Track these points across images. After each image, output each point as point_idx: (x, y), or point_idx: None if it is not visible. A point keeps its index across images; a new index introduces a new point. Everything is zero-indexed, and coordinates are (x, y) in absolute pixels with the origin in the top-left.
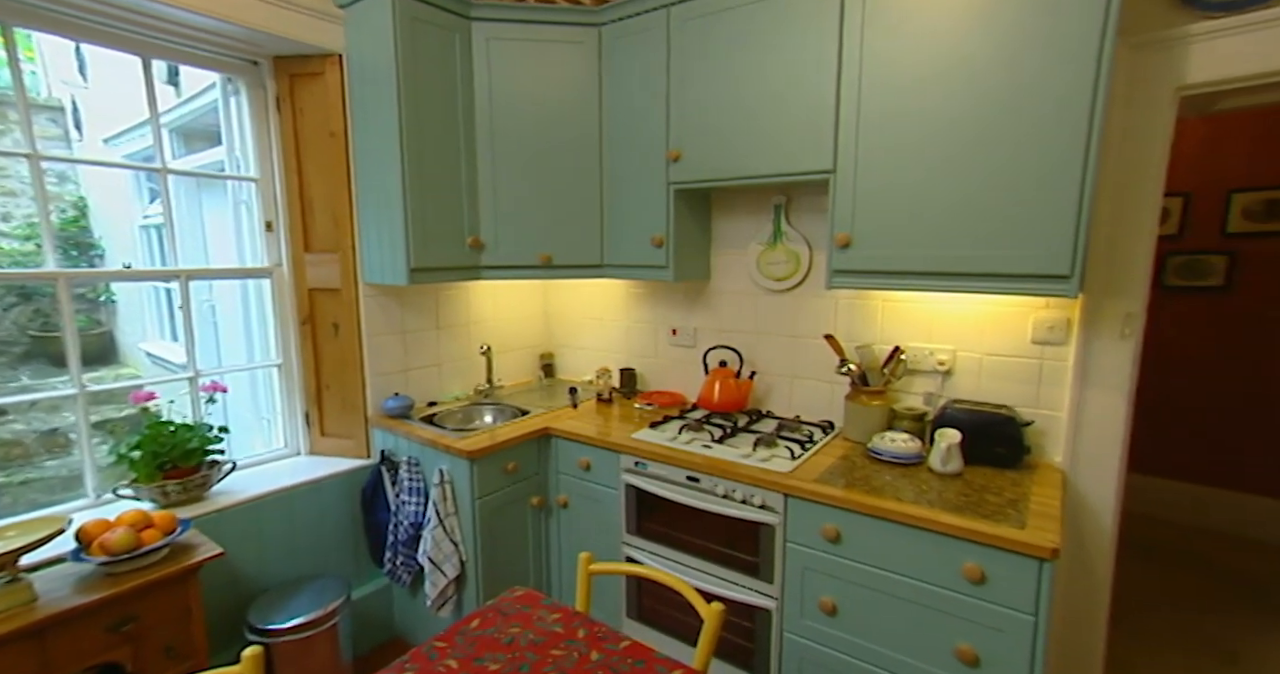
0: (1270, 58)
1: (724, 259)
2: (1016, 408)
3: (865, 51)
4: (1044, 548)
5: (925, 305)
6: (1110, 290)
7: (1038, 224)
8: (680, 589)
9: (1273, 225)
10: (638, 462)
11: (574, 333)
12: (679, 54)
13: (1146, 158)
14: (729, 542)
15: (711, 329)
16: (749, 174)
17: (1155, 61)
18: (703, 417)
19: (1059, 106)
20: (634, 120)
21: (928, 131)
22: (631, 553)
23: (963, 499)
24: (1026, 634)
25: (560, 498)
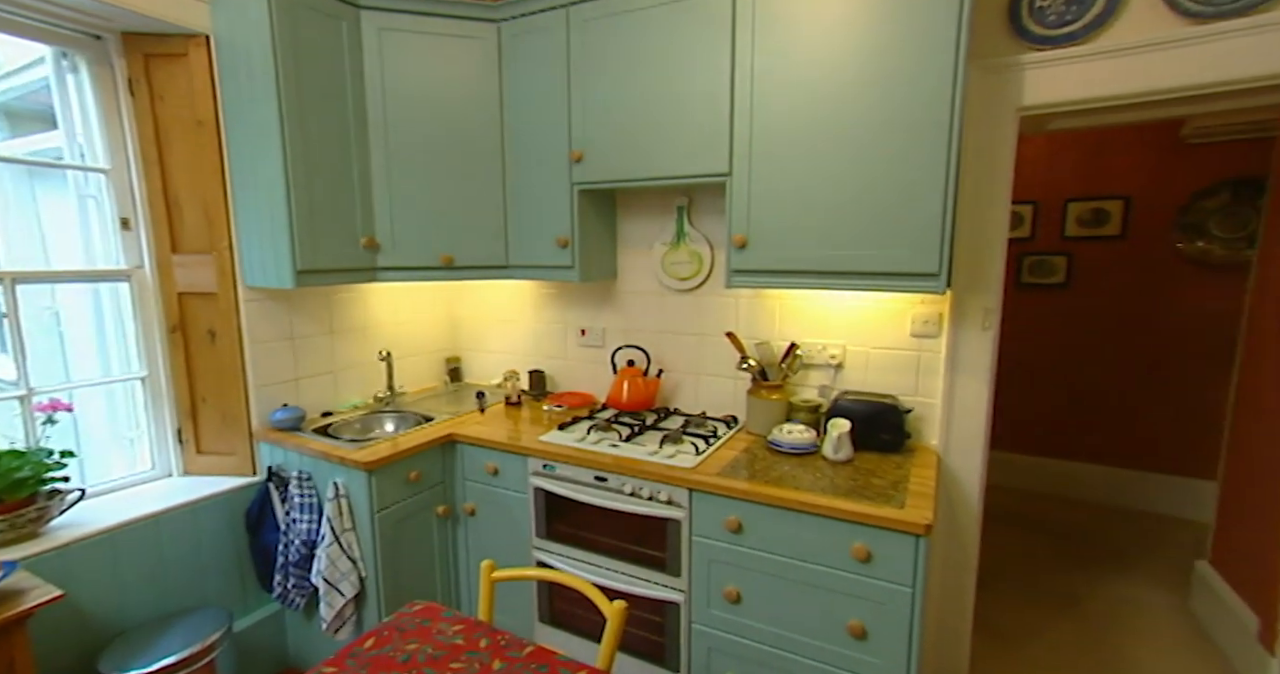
0: (1083, 87)
1: (630, 259)
2: (899, 397)
3: (756, 64)
4: (919, 525)
5: (818, 303)
6: (972, 287)
7: (910, 227)
8: (583, 589)
9: (1097, 231)
10: (546, 464)
11: (481, 336)
12: (580, 54)
13: (996, 170)
14: (638, 539)
15: (620, 329)
16: (651, 175)
17: (999, 84)
18: (611, 416)
19: (924, 122)
20: (536, 120)
21: (814, 140)
22: (542, 557)
23: (852, 484)
24: (905, 605)
25: (467, 505)
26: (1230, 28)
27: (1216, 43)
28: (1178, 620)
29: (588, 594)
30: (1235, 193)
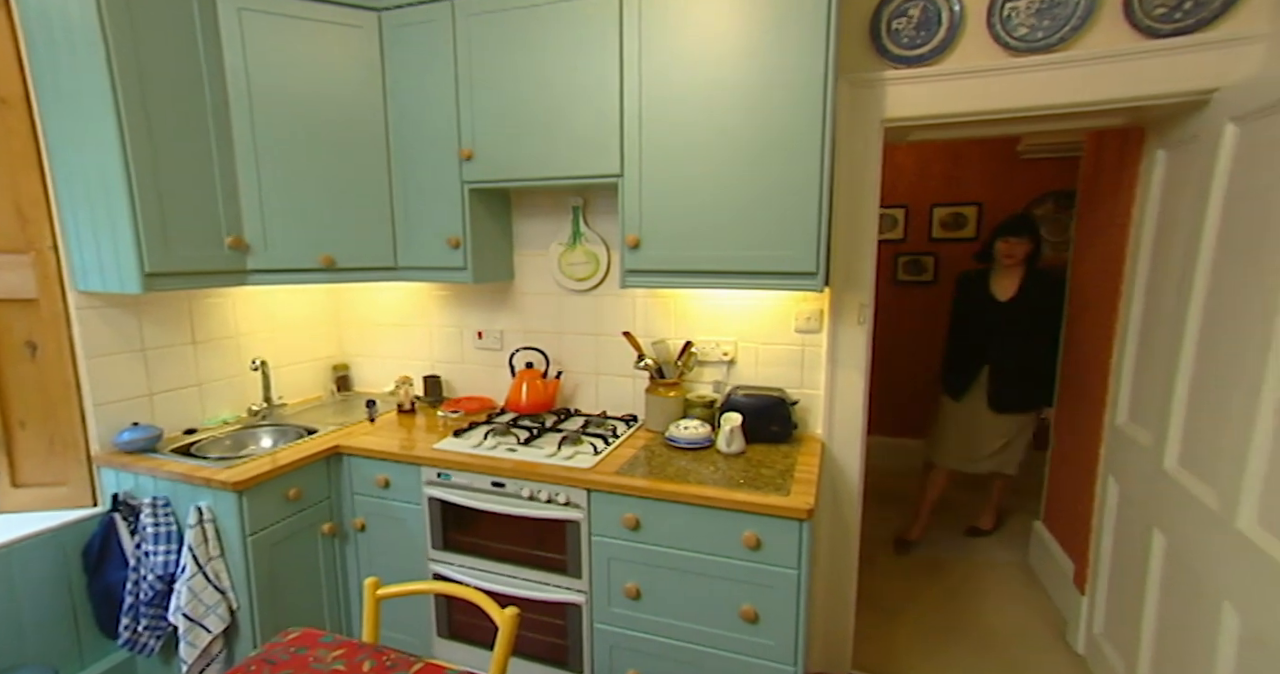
0: (932, 104)
1: (526, 260)
2: (787, 389)
3: (644, 71)
4: (801, 510)
5: (711, 302)
6: (848, 285)
7: (790, 228)
8: (473, 599)
9: (957, 233)
10: (440, 473)
11: (372, 341)
12: (466, 50)
13: (866, 176)
14: (538, 543)
15: (518, 330)
16: (543, 175)
17: (866, 97)
18: (510, 420)
19: (800, 131)
20: (423, 115)
21: (700, 145)
22: (439, 569)
23: (743, 475)
24: (792, 587)
25: (357, 521)
26: (1040, 61)
27: (1030, 73)
28: (1018, 575)
29: (478, 603)
30: (1058, 202)
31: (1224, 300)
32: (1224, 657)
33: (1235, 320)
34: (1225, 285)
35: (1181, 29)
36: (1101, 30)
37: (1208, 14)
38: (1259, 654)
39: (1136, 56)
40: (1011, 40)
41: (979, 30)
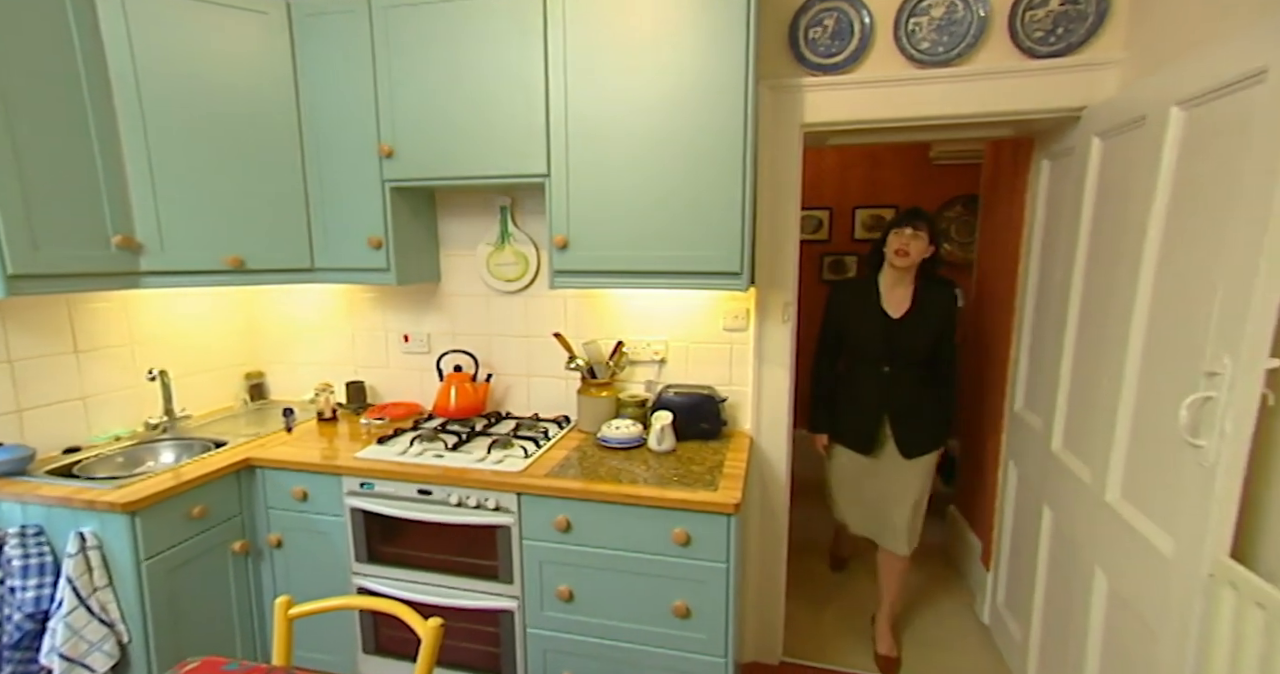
0: (847, 110)
1: (454, 261)
2: (716, 387)
3: (569, 76)
4: (729, 504)
5: (642, 302)
6: (773, 284)
7: (715, 230)
8: (395, 612)
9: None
10: (363, 482)
11: (289, 347)
12: (385, 43)
13: (788, 179)
14: (468, 550)
15: (446, 333)
16: (469, 174)
17: (786, 103)
18: (438, 425)
19: (723, 134)
20: (339, 109)
21: (627, 147)
22: (364, 582)
23: (673, 473)
24: (721, 580)
25: (272, 537)
26: (941, 74)
27: (932, 85)
28: (937, 557)
29: (400, 616)
30: (965, 206)
31: (1094, 297)
32: (1095, 617)
33: (1103, 315)
34: (1095, 284)
35: (1056, 52)
36: (991, 48)
37: (1075, 39)
38: (1122, 613)
39: (1020, 74)
40: (916, 53)
41: (887, 42)
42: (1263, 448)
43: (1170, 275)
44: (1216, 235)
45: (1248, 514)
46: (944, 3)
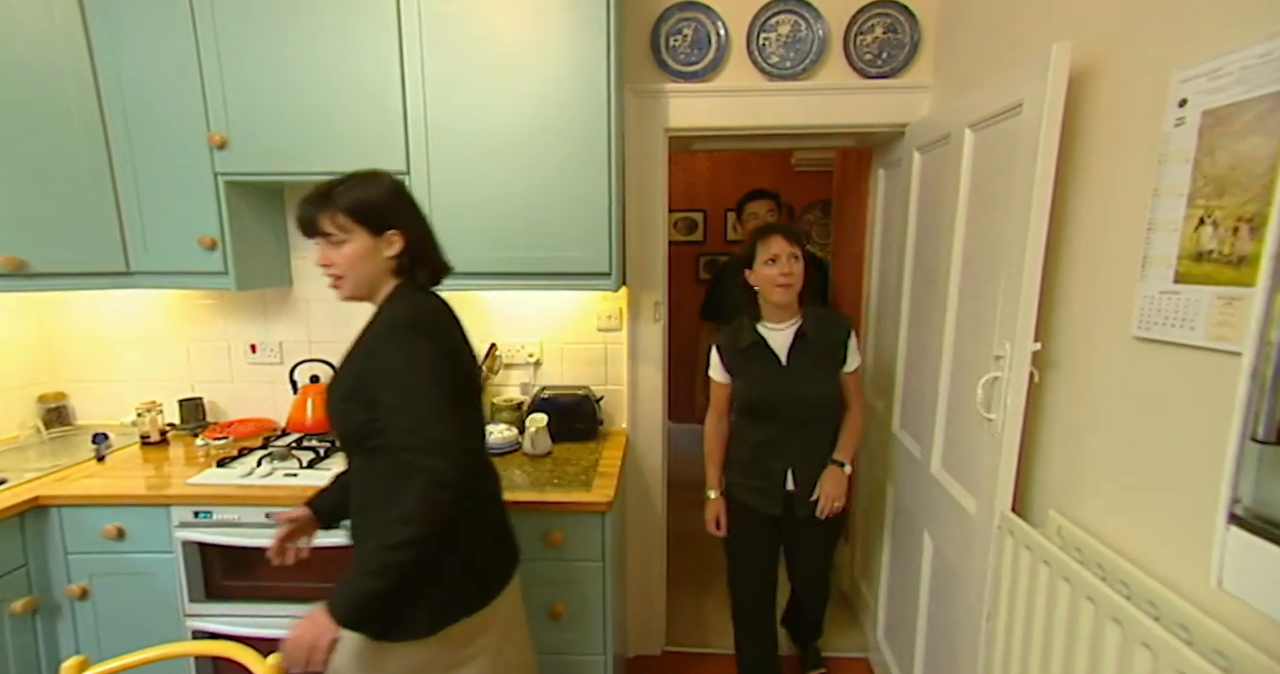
0: (709, 117)
1: (307, 263)
2: (592, 387)
3: (427, 65)
4: (601, 503)
5: (514, 304)
6: (644, 284)
7: (585, 232)
8: (228, 654)
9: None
10: (197, 512)
11: (100, 363)
12: (209, 15)
13: (654, 182)
14: (328, 575)
15: (300, 341)
16: (319, 170)
17: (650, 107)
18: (292, 442)
19: (587, 137)
20: (153, 89)
21: (490, 148)
22: (202, 624)
23: (548, 475)
24: (598, 579)
25: (73, 588)
26: (789, 87)
27: (783, 96)
28: None
29: (235, 658)
30: (824, 210)
31: (920, 294)
32: (924, 575)
33: (927, 309)
34: (920, 281)
35: (883, 73)
36: (831, 67)
37: (897, 64)
38: (941, 566)
39: (856, 91)
40: (767, 66)
41: (741, 54)
42: (1033, 418)
43: (970, 272)
44: (999, 237)
45: (1023, 474)
46: (789, 21)
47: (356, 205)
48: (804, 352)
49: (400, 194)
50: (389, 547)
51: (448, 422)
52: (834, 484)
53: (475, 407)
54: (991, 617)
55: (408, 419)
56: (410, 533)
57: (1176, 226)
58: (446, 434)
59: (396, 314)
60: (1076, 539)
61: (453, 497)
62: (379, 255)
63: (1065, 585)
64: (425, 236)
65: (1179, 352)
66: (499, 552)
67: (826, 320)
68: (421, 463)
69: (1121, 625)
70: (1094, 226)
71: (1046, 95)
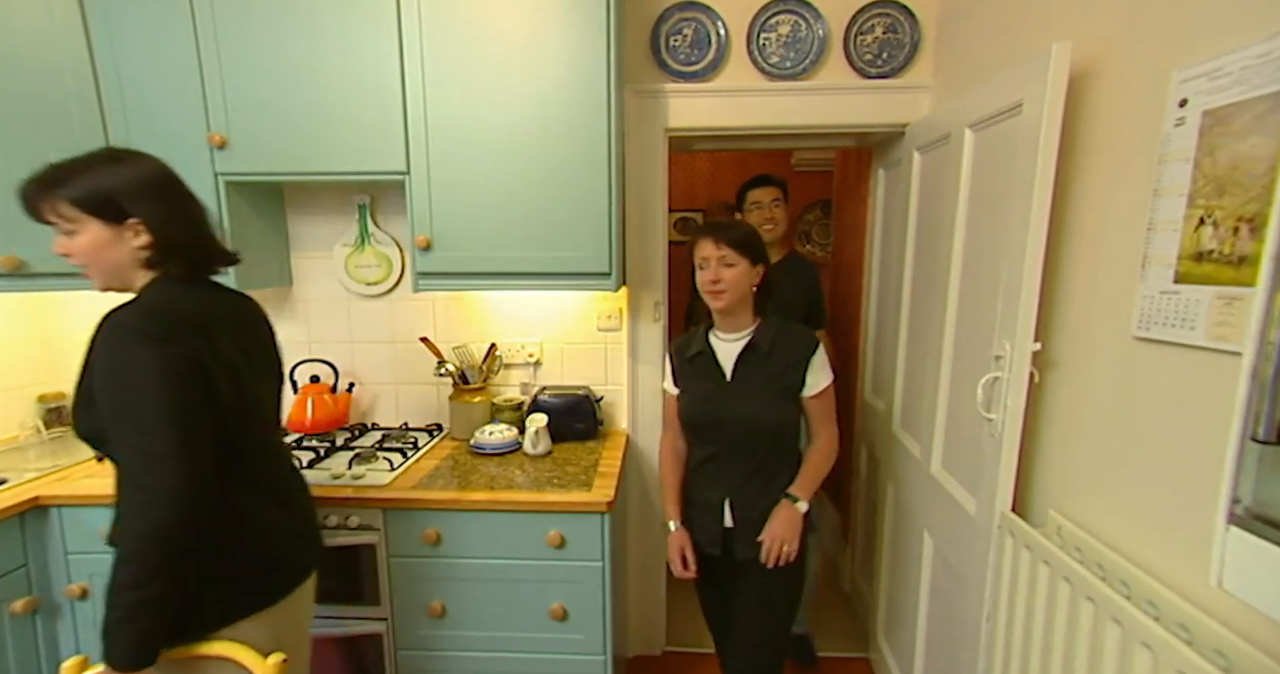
0: (709, 117)
1: (307, 263)
2: (592, 387)
3: (427, 66)
4: (602, 503)
5: (514, 304)
6: (644, 285)
7: (584, 232)
8: (227, 654)
9: None
10: None
11: None
12: (209, 20)
13: (654, 182)
14: (327, 575)
15: (300, 341)
16: (319, 170)
17: (650, 108)
18: (292, 442)
19: (587, 137)
20: (153, 89)
21: (491, 147)
22: None
23: (548, 475)
24: (598, 579)
25: (74, 588)
26: (789, 87)
27: (783, 96)
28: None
29: (234, 658)
30: (824, 210)
31: (920, 294)
32: (925, 575)
33: (927, 309)
34: (920, 282)
35: (883, 74)
36: (831, 67)
37: (897, 64)
38: (942, 567)
39: (855, 91)
40: (767, 66)
41: (741, 54)
42: (1033, 418)
43: (970, 272)
44: (999, 237)
45: (1023, 474)
46: (789, 21)
47: (82, 195)
48: (752, 366)
49: (147, 180)
50: (125, 587)
51: (166, 436)
52: (783, 523)
53: (232, 416)
54: (992, 616)
55: (121, 432)
56: (132, 574)
57: (1177, 226)
58: (165, 449)
59: (122, 316)
60: (1076, 539)
61: (172, 523)
62: (123, 246)
63: (1065, 585)
64: (179, 227)
65: (1179, 351)
66: (286, 547)
67: (787, 333)
68: (139, 481)
69: (1121, 625)
70: (1094, 226)
71: (1046, 95)
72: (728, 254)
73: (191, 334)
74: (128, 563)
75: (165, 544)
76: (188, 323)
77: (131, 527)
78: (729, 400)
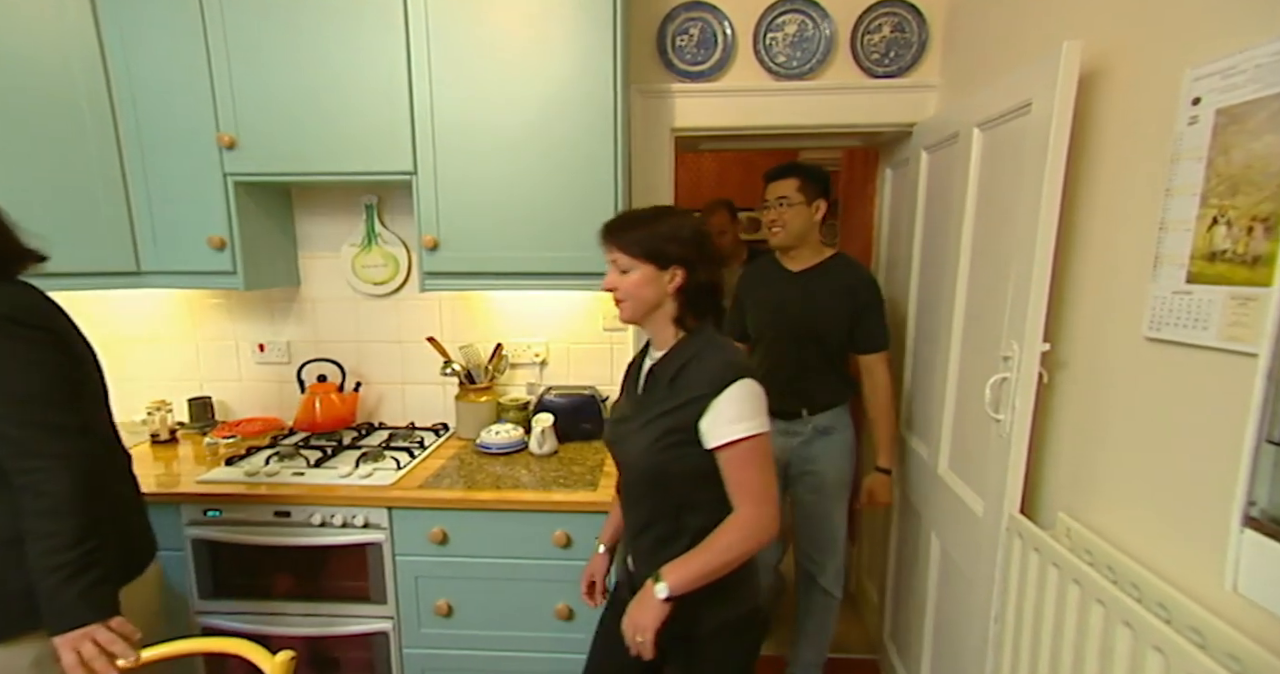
0: (716, 116)
1: (315, 263)
2: (598, 387)
3: (434, 65)
4: (607, 503)
5: (521, 304)
6: None
7: (591, 232)
8: (235, 651)
9: (753, 235)
10: (207, 510)
11: (110, 362)
12: (217, 16)
13: (660, 181)
14: (335, 573)
15: (308, 341)
16: (327, 170)
17: (657, 107)
18: (300, 440)
19: (593, 136)
20: (163, 90)
21: (497, 146)
22: (212, 621)
23: (554, 475)
24: None
25: None
26: (796, 86)
27: (790, 96)
28: None
29: (243, 655)
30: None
31: (927, 294)
32: (931, 576)
33: (934, 309)
34: (927, 282)
35: (890, 73)
36: (839, 66)
37: (905, 64)
38: (949, 569)
39: (862, 91)
40: (774, 66)
41: (748, 54)
42: (1041, 420)
43: (978, 272)
44: (1008, 237)
45: (1032, 476)
46: (796, 20)
47: None
48: (653, 395)
49: None
50: (72, 544)
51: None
52: (638, 607)
53: (98, 399)
54: (999, 618)
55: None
56: (80, 528)
57: (1189, 226)
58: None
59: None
60: (1086, 541)
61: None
62: None
63: (1075, 588)
64: None
65: (1191, 352)
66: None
67: (702, 360)
68: (46, 451)
69: (1133, 628)
70: (1104, 226)
71: (1056, 94)
72: (619, 258)
73: (52, 321)
74: (70, 518)
75: (91, 497)
76: (45, 312)
77: (59, 489)
78: (624, 429)
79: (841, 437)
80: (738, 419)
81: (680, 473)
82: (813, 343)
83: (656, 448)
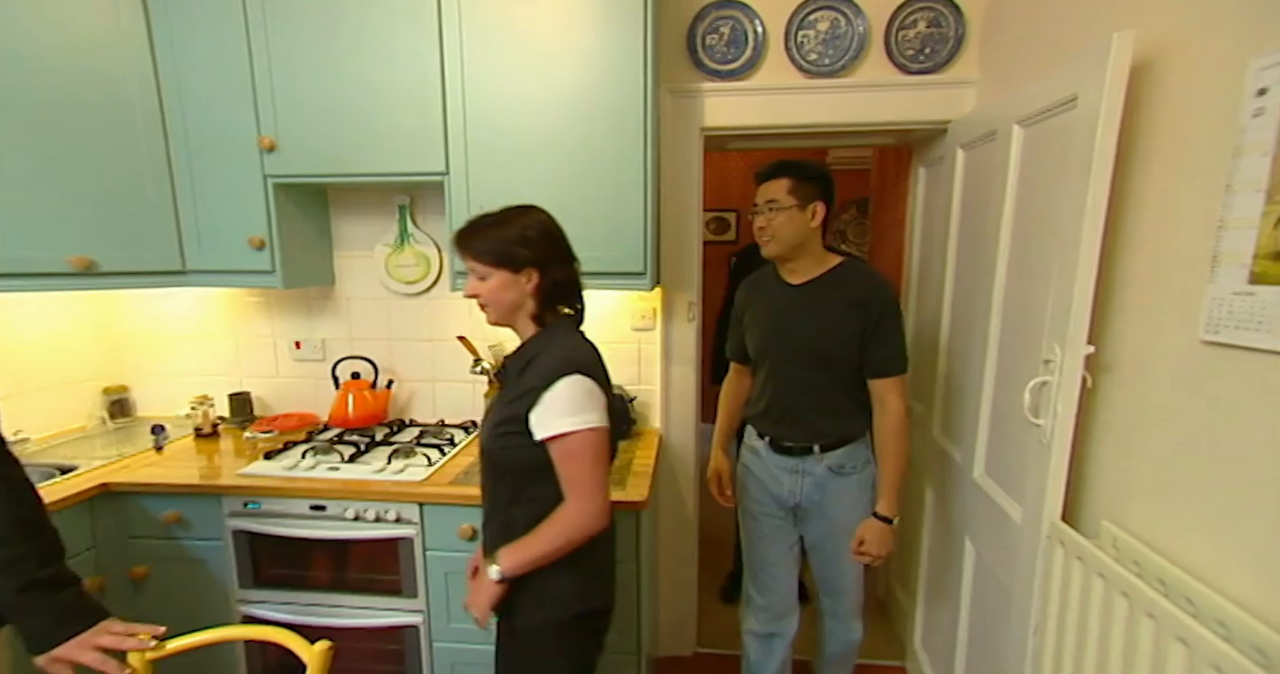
0: (746, 115)
1: (349, 262)
2: (625, 386)
3: (467, 67)
4: (636, 502)
5: None
6: (678, 285)
7: (620, 231)
8: (277, 639)
9: None
10: (247, 502)
11: (158, 357)
12: (260, 25)
13: (689, 181)
14: (367, 566)
15: (342, 339)
16: (362, 172)
17: (686, 107)
18: (334, 436)
19: (623, 137)
20: (210, 98)
21: (529, 146)
22: (251, 609)
23: None
24: (632, 578)
25: (136, 570)
26: (828, 84)
27: (821, 94)
28: None
29: (283, 643)
30: (859, 209)
31: (962, 294)
32: (965, 583)
33: (969, 310)
34: (963, 282)
35: (925, 69)
36: (872, 63)
37: (940, 59)
38: (985, 577)
39: (897, 88)
40: (805, 64)
41: (779, 52)
42: (1085, 425)
43: (1017, 273)
44: (1049, 237)
45: (1074, 482)
46: (828, 18)
47: None
48: (504, 388)
49: None
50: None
51: None
52: (478, 589)
53: None
54: (1039, 630)
55: None
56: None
57: (1253, 224)
58: None
59: None
60: (1134, 552)
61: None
62: None
63: (1123, 600)
64: None
65: (1254, 356)
66: None
67: (543, 358)
68: None
69: (1188, 645)
70: (1154, 224)
71: (1106, 87)
72: (474, 266)
73: None
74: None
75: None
76: None
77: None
78: (484, 419)
79: (858, 477)
80: (565, 414)
81: (513, 462)
82: (819, 366)
83: (493, 435)
